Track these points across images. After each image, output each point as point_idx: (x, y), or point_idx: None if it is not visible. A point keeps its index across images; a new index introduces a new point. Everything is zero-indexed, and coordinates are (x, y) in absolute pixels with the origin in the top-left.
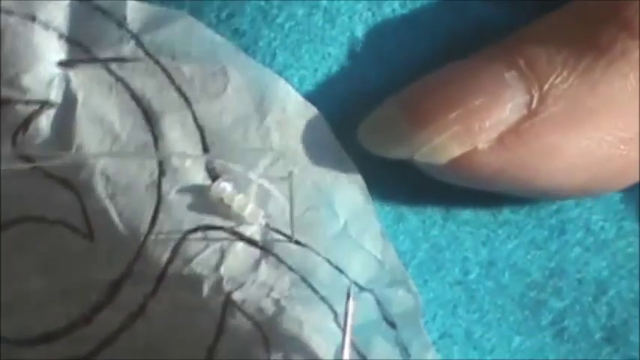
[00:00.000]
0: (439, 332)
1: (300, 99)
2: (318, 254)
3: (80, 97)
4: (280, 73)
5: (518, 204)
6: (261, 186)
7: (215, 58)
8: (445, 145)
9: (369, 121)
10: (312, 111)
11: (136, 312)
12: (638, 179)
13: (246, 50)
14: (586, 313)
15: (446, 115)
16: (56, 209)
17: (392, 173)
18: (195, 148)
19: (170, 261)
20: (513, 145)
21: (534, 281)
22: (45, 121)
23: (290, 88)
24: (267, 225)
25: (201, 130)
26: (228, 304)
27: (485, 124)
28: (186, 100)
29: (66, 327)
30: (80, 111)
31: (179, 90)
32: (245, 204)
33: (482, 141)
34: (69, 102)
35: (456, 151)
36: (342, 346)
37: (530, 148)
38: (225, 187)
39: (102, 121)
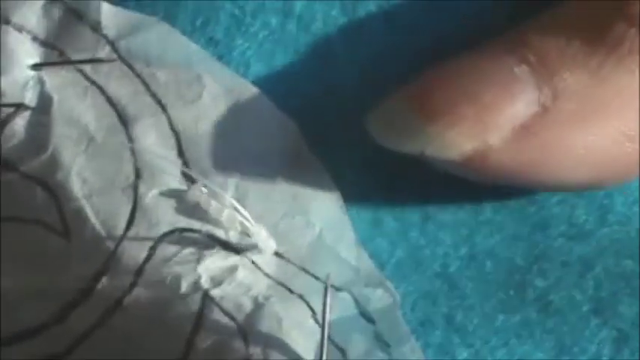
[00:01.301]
0: (419, 320)
1: (276, 110)
2: (294, 264)
3: (55, 99)
4: (254, 83)
5: (499, 204)
6: (238, 191)
7: (190, 66)
8: (457, 140)
9: (380, 113)
10: (287, 122)
11: (113, 307)
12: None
13: (220, 59)
14: (572, 288)
15: (457, 110)
16: (32, 209)
17: (368, 179)
18: (170, 152)
19: (147, 259)
20: (526, 142)
21: (517, 266)
22: (20, 123)
23: (265, 98)
24: (243, 231)
25: (176, 134)
26: (207, 299)
27: (497, 119)
28: (161, 105)
29: (40, 325)
30: (55, 113)
31: (154, 96)
32: (222, 209)
33: (495, 137)
34: (44, 104)
35: (467, 146)
36: (321, 339)
37: (543, 144)
38: (201, 191)
39: (77, 123)
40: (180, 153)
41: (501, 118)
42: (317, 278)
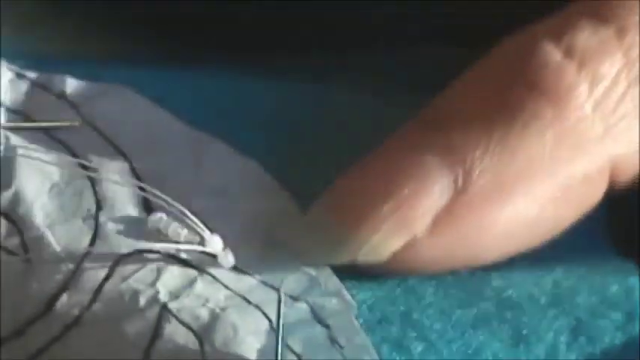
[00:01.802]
0: (376, 319)
1: (236, 153)
2: (253, 277)
3: (20, 151)
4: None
5: None
6: (197, 217)
7: (153, 125)
8: (384, 240)
9: (302, 232)
10: (247, 160)
11: (71, 324)
12: (563, 232)
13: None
14: (530, 285)
15: (378, 210)
16: None
17: None
18: (131, 188)
19: (107, 278)
20: (449, 226)
21: (479, 270)
22: None
23: (224, 144)
24: (202, 252)
25: (138, 176)
26: (164, 311)
27: (418, 211)
28: (123, 154)
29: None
30: (20, 161)
31: (116, 147)
32: (181, 231)
33: (420, 229)
34: (9, 155)
35: (395, 244)
36: (276, 345)
37: (466, 225)
38: (161, 217)
39: (41, 171)
40: (142, 189)
41: (422, 209)
42: (275, 289)
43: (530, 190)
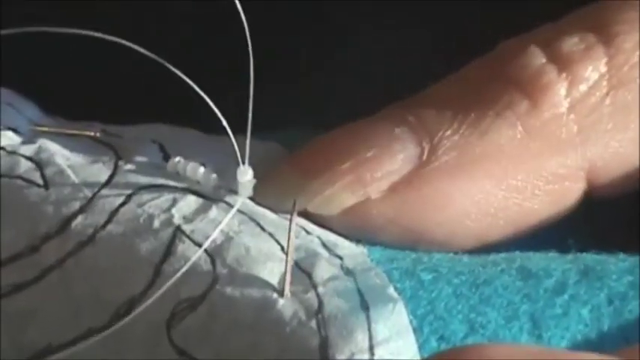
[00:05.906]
0: (386, 257)
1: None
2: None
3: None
4: None
5: None
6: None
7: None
8: (338, 195)
9: (264, 180)
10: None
11: (85, 241)
12: (533, 228)
13: None
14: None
15: (337, 166)
16: (15, 171)
17: None
18: (151, 144)
19: (123, 204)
20: (405, 194)
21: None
22: None
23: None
24: (218, 186)
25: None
26: (177, 232)
27: (376, 174)
28: None
29: (11, 256)
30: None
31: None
32: (197, 168)
33: (375, 191)
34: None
35: (348, 201)
36: (286, 255)
37: (422, 196)
38: (179, 160)
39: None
40: (161, 148)
41: (379, 172)
42: (288, 219)
43: (494, 174)
